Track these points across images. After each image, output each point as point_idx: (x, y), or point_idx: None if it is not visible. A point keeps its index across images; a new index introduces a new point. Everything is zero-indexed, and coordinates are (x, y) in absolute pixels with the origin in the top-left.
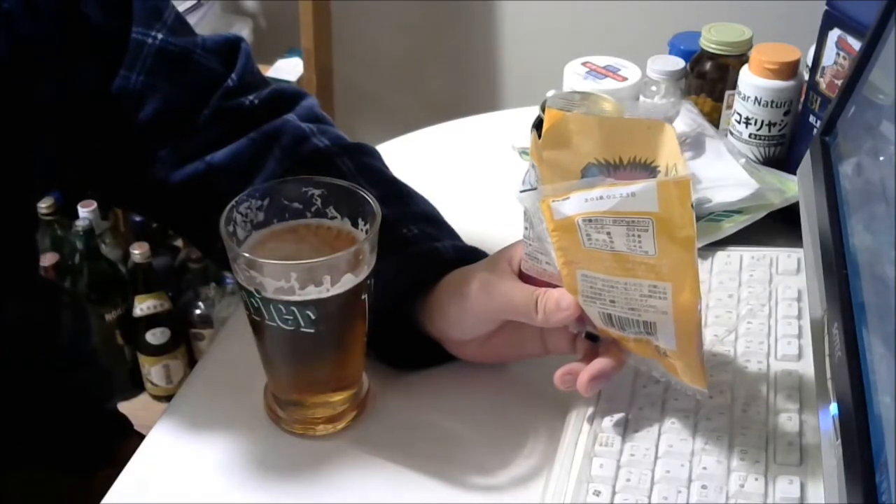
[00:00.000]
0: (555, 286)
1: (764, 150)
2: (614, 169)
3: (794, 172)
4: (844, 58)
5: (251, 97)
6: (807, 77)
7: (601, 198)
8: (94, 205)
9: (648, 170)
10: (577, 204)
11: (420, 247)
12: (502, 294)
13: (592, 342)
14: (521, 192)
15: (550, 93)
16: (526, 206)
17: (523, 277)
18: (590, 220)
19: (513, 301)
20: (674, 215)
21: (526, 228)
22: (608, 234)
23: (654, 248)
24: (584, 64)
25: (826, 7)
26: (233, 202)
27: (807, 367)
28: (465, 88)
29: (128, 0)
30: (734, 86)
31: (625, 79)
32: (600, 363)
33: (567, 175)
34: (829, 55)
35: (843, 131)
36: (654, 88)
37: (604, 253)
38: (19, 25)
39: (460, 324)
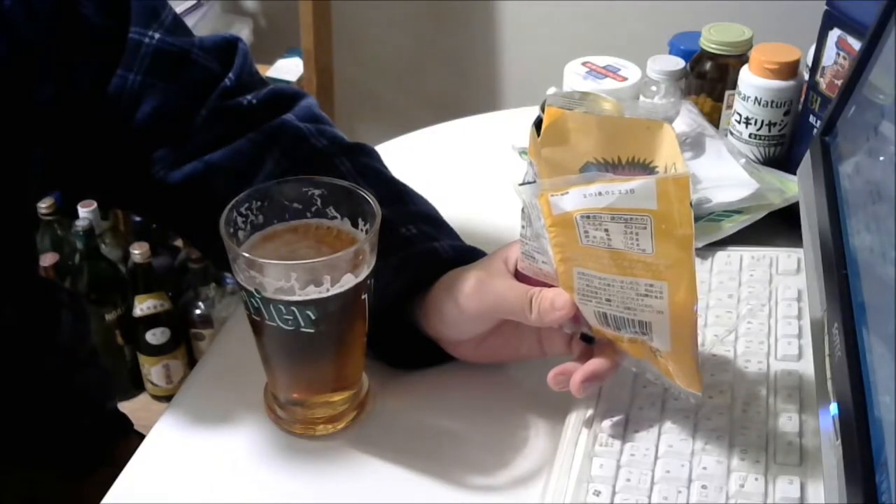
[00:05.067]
0: (551, 286)
1: (764, 150)
2: (613, 168)
3: (794, 172)
4: (844, 58)
5: (249, 97)
6: (807, 77)
7: (600, 193)
8: (94, 205)
9: (647, 170)
10: (575, 199)
11: (418, 247)
12: (496, 293)
13: (587, 343)
14: (520, 185)
15: (551, 90)
16: (524, 199)
17: (519, 277)
18: (588, 217)
19: (507, 300)
20: (672, 213)
21: (523, 227)
22: (606, 230)
23: (652, 247)
24: (584, 64)
25: (826, 7)
26: (232, 203)
27: (807, 367)
28: (465, 88)
29: (125, 0)
30: (734, 86)
31: (625, 79)
32: (594, 364)
33: (565, 173)
34: (829, 55)
35: (843, 131)
36: (654, 88)
37: (601, 250)
38: (16, 26)
39: (456, 324)
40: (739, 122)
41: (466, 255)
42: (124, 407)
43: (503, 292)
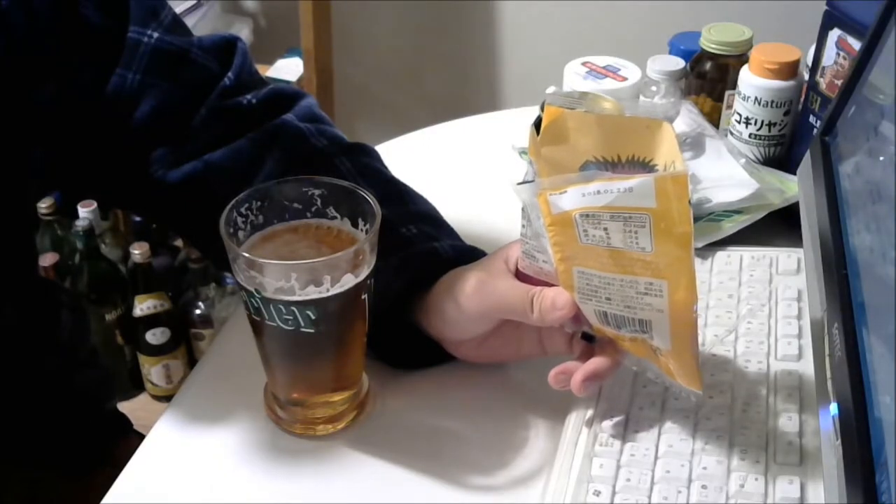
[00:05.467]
0: (551, 286)
1: (764, 150)
2: (612, 167)
3: (794, 172)
4: (844, 58)
5: (249, 97)
6: (807, 77)
7: (598, 192)
8: (94, 205)
9: (647, 168)
10: (574, 198)
11: (419, 247)
12: (498, 293)
13: (588, 342)
14: (519, 184)
15: (550, 89)
16: (523, 198)
17: (520, 277)
18: (587, 216)
19: (508, 300)
20: (671, 211)
21: (523, 226)
22: (605, 229)
23: (651, 245)
24: (584, 64)
25: (826, 7)
26: (232, 203)
27: (807, 367)
28: (465, 88)
29: (124, 0)
30: (734, 86)
31: (625, 79)
32: (595, 363)
33: (565, 172)
34: (829, 55)
35: (843, 131)
36: (654, 88)
37: (600, 249)
38: (16, 26)
39: (457, 324)
40: (739, 122)
41: (467, 254)
42: (124, 407)
43: (504, 292)
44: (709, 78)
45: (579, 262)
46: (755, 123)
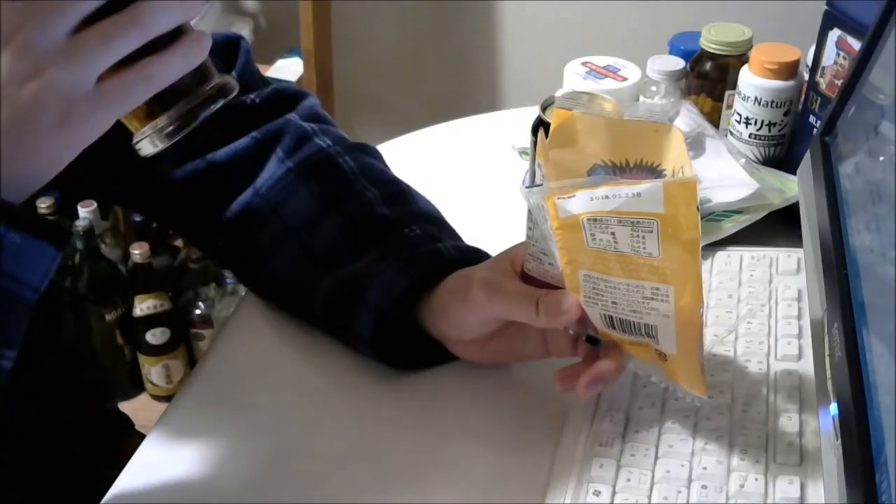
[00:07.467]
0: (557, 288)
1: (764, 150)
2: (620, 171)
3: (794, 172)
4: (844, 58)
5: (252, 96)
6: (807, 77)
7: (606, 197)
8: (94, 205)
9: (655, 173)
10: (582, 202)
11: (422, 247)
12: (503, 295)
13: (593, 346)
14: (527, 188)
15: (559, 92)
16: (531, 202)
17: (525, 279)
18: (594, 220)
19: (513, 302)
20: (679, 216)
21: (530, 228)
22: (612, 234)
23: (658, 250)
24: (584, 64)
25: (826, 7)
26: None
27: (807, 367)
28: (465, 88)
29: None
30: (734, 86)
31: (625, 79)
32: (600, 366)
33: (573, 175)
34: (829, 55)
35: (843, 131)
36: (654, 88)
37: (607, 253)
38: None
39: (461, 324)
40: (739, 122)
41: (470, 255)
42: (124, 407)
43: (510, 294)
44: (709, 78)
45: (586, 266)
46: (755, 123)
